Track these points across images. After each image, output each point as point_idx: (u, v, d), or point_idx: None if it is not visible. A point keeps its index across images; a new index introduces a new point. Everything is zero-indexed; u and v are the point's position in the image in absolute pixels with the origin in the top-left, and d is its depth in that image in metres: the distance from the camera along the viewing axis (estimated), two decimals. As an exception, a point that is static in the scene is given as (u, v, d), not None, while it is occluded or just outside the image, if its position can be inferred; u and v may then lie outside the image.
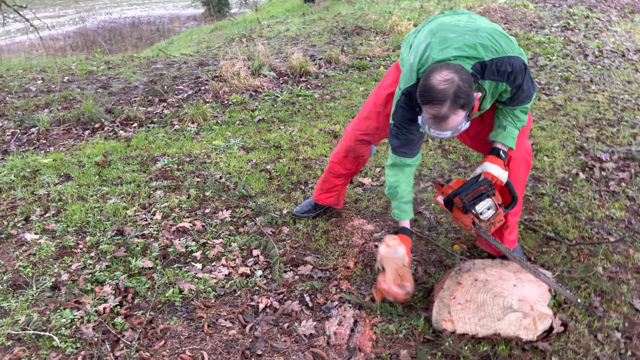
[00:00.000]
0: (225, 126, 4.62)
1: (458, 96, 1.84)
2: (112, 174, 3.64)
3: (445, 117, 1.89)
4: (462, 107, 1.88)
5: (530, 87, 2.14)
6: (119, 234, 2.91)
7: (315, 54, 7.24)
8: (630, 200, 3.31)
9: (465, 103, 1.87)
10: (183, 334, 2.22)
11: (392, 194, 2.40)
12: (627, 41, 7.61)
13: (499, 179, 2.25)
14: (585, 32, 8.13)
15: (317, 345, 2.17)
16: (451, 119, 1.89)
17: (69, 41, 15.80)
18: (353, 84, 5.87)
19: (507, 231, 2.52)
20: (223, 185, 3.48)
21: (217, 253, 2.76)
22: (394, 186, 2.37)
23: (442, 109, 1.87)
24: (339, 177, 2.90)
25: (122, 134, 4.46)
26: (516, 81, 2.05)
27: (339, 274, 2.62)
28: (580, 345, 2.13)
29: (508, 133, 2.26)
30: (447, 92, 1.83)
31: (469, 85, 1.87)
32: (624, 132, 4.37)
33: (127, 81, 6.16)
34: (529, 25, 8.72)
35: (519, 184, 2.40)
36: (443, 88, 1.84)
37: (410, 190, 2.40)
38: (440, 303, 2.27)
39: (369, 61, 6.76)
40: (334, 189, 2.96)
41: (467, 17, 2.18)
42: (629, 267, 2.65)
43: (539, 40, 7.63)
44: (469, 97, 1.87)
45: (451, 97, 1.84)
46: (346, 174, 2.88)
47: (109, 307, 2.32)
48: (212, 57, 7.49)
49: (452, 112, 1.87)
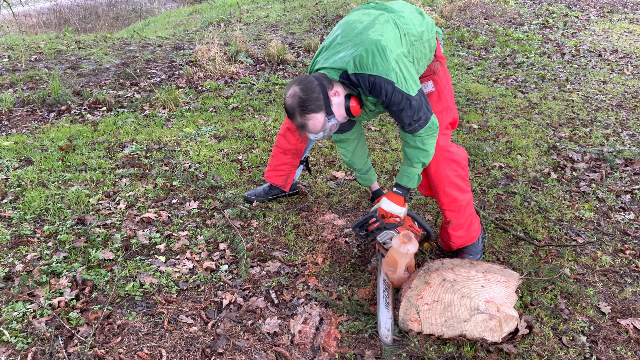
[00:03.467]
0: (197, 113, 4.50)
1: (303, 105, 2.08)
2: (76, 159, 3.50)
3: (304, 125, 2.15)
4: (313, 111, 2.09)
5: (403, 113, 2.12)
6: (79, 223, 2.79)
7: (294, 41, 7.12)
8: (600, 202, 3.33)
9: (314, 107, 2.09)
10: (142, 330, 2.14)
11: (349, 165, 2.68)
12: (604, 41, 7.69)
13: (392, 213, 2.35)
14: (563, 31, 8.19)
15: (281, 344, 2.12)
16: (310, 124, 2.13)
17: (42, 18, 15.26)
18: (331, 74, 5.78)
19: (451, 227, 2.55)
20: (192, 175, 3.38)
21: (181, 246, 2.68)
22: (346, 161, 2.65)
23: (296, 119, 2.15)
24: (285, 152, 2.97)
25: (89, 117, 4.30)
26: (380, 97, 2.11)
27: (306, 270, 2.57)
28: (545, 348, 2.13)
29: (402, 172, 2.33)
30: (293, 106, 2.11)
31: (312, 91, 2.07)
32: (597, 133, 4.40)
33: (98, 62, 5.96)
34: (508, 21, 8.75)
35: (445, 182, 2.44)
36: (290, 103, 2.13)
37: (364, 160, 2.65)
38: (407, 303, 2.23)
39: (348, 51, 6.67)
40: (281, 167, 3.03)
41: (375, 15, 2.20)
42: (596, 269, 2.66)
43: (518, 37, 7.65)
44: (317, 102, 2.08)
45: (297, 108, 2.10)
46: (292, 150, 2.96)
47: (64, 301, 2.22)
48: (188, 41, 7.30)
49: (305, 119, 2.12)
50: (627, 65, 6.53)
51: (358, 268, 2.61)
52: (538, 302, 2.37)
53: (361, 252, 2.73)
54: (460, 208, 2.50)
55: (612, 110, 4.96)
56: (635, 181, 3.60)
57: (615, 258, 2.76)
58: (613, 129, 4.51)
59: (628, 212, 3.21)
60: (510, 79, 5.89)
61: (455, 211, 2.50)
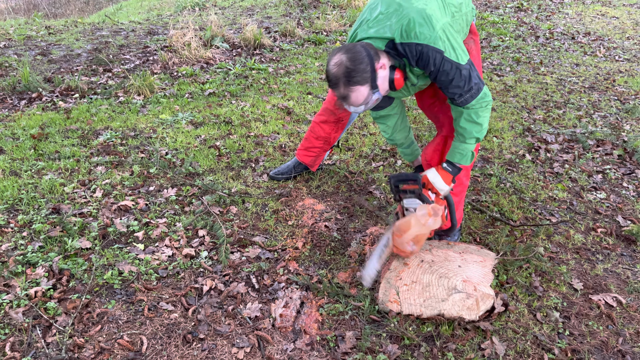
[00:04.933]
0: (173, 99, 4.43)
1: (349, 75, 1.96)
2: (49, 147, 3.43)
3: (346, 96, 2.03)
4: (359, 83, 1.98)
5: (454, 82, 2.06)
6: (54, 212, 2.75)
7: (271, 26, 7.05)
8: (573, 182, 3.41)
9: (361, 79, 1.97)
10: (121, 318, 2.13)
11: (391, 142, 2.59)
12: (577, 24, 7.80)
13: (434, 186, 2.26)
14: (537, 14, 8.28)
15: (262, 328, 2.13)
16: (352, 96, 2.02)
17: (10, 3, 14.76)
18: (308, 59, 5.76)
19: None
20: (169, 162, 3.35)
21: (160, 233, 2.66)
22: (387, 137, 2.56)
23: (339, 89, 2.02)
24: (318, 138, 3.09)
25: (61, 105, 4.20)
26: (428, 68, 2.04)
27: (287, 255, 2.58)
28: (520, 324, 2.19)
29: (454, 148, 2.26)
30: (337, 75, 1.98)
31: (359, 62, 1.96)
32: (570, 115, 4.48)
33: (69, 48, 5.81)
34: (484, 4, 8.80)
35: None
36: (334, 72, 1.99)
37: (406, 134, 2.55)
38: (386, 284, 2.27)
39: (325, 36, 6.64)
40: (312, 149, 3.15)
41: None
42: (569, 247, 2.74)
43: (493, 20, 7.71)
44: (363, 73, 1.97)
45: (342, 78, 1.98)
46: (325, 137, 3.07)
47: (41, 291, 2.19)
48: (162, 25, 7.16)
49: (349, 91, 2.00)
50: (600, 47, 6.65)
51: (338, 251, 2.63)
52: (513, 281, 2.43)
53: (341, 235, 2.75)
54: (462, 192, 2.53)
55: (585, 92, 5.05)
56: (607, 161, 3.69)
57: (587, 236, 2.84)
58: (585, 110, 4.61)
59: (599, 192, 3.29)
60: (485, 62, 5.95)
61: (457, 195, 2.52)
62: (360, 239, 2.69)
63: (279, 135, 3.81)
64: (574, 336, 2.15)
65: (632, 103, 4.75)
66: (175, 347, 2.01)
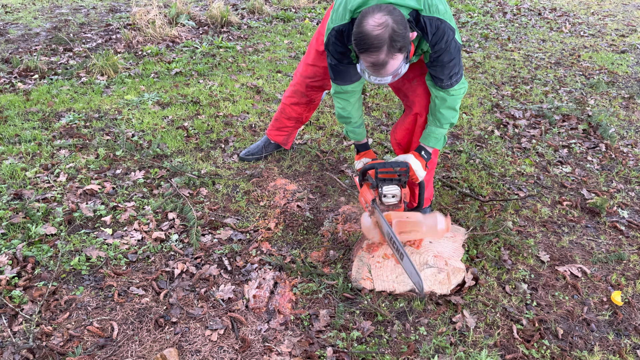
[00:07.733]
0: (138, 79, 4.30)
1: (394, 40, 1.75)
2: (9, 131, 3.30)
3: (384, 64, 1.82)
4: (400, 50, 1.80)
5: (451, 63, 2.06)
6: (16, 198, 2.65)
7: (238, 3, 6.89)
8: (540, 157, 3.47)
9: (402, 46, 1.79)
10: (90, 304, 2.09)
11: (344, 119, 2.43)
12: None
13: (415, 174, 2.29)
14: (505, -10, 8.31)
15: (236, 310, 2.12)
16: (390, 64, 1.82)
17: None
18: (277, 37, 5.66)
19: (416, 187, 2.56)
20: (136, 144, 3.26)
21: (128, 217, 2.60)
22: (343, 114, 2.40)
23: (380, 56, 1.79)
24: (290, 119, 3.05)
25: (20, 86, 4.03)
26: (437, 45, 2.00)
27: (259, 236, 2.56)
28: (490, 297, 2.23)
29: (429, 132, 2.28)
30: (382, 38, 1.74)
31: (403, 27, 1.77)
32: (537, 90, 4.55)
33: (27, 27, 5.56)
34: (453, -19, 8.77)
35: None
36: (378, 33, 1.74)
37: (360, 114, 2.45)
38: (359, 262, 2.28)
39: (294, 12, 6.53)
40: (284, 128, 3.12)
41: None
42: (536, 221, 2.80)
43: (462, -4, 7.71)
44: (405, 39, 1.79)
45: (387, 42, 1.75)
46: (297, 118, 3.04)
47: (5, 279, 2.12)
48: (124, 2, 6.91)
49: (390, 58, 1.80)
50: (565, 23, 6.74)
51: (311, 231, 2.62)
52: (483, 255, 2.48)
53: (314, 215, 2.74)
54: (431, 170, 2.55)
55: (551, 68, 5.13)
56: (572, 136, 3.76)
57: (554, 209, 2.91)
58: (552, 86, 4.68)
59: (565, 166, 3.36)
60: (455, 38, 5.96)
61: (428, 173, 2.53)
62: (333, 218, 2.69)
63: (249, 115, 3.76)
64: (541, 307, 2.21)
65: (596, 78, 4.85)
66: (147, 332, 1.98)
